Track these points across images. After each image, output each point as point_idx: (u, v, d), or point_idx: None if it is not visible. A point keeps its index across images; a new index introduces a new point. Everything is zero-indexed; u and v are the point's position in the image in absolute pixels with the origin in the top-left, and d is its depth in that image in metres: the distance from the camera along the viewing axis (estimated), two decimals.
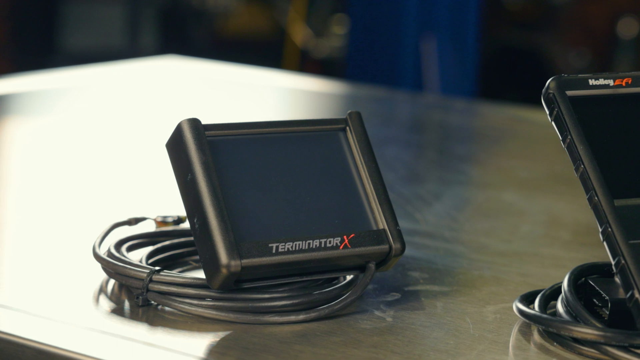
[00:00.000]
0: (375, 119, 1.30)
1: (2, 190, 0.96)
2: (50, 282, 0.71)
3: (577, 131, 0.65)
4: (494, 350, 0.63)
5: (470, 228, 0.87)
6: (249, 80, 1.65)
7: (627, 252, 0.61)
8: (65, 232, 0.83)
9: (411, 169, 1.05)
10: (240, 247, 0.64)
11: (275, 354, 0.61)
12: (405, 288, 0.73)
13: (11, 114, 1.33)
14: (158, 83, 1.55)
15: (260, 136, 0.69)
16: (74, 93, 1.43)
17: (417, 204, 0.92)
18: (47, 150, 1.11)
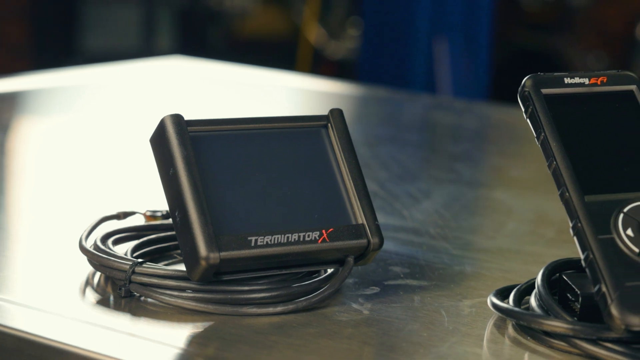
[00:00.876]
0: (374, 118, 1.32)
1: (4, 183, 0.97)
2: (38, 273, 0.73)
3: (550, 128, 0.66)
4: (466, 342, 0.64)
5: (456, 225, 0.88)
6: (258, 81, 1.67)
7: (596, 247, 0.62)
8: (60, 225, 0.85)
9: (404, 168, 1.06)
10: (220, 240, 0.66)
11: (250, 344, 0.63)
12: (385, 282, 0.74)
13: (22, 110, 1.35)
14: (164, 82, 1.57)
15: (243, 132, 0.71)
16: (81, 91, 1.46)
17: (405, 202, 0.94)
18: (51, 146, 1.13)
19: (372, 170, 0.99)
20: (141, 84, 1.55)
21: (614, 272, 0.61)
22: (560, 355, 0.63)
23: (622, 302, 0.60)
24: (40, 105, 1.37)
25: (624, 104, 0.69)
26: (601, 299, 0.61)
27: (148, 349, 0.63)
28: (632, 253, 0.62)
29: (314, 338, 0.64)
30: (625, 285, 0.61)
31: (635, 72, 0.69)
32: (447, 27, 3.17)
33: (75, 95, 1.43)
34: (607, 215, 0.63)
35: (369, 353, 0.63)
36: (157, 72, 1.64)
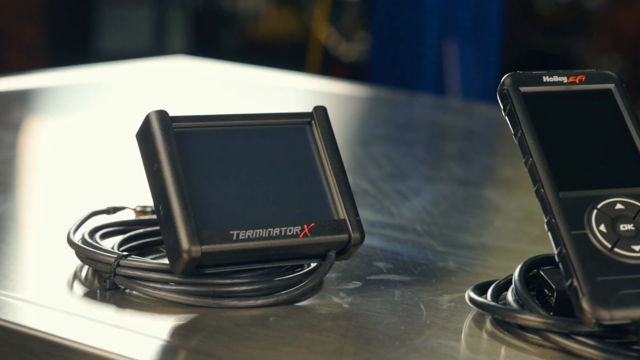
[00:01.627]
0: (373, 118, 1.33)
1: (12, 177, 0.99)
2: (28, 266, 0.75)
3: (527, 126, 0.67)
4: (442, 335, 0.65)
5: (443, 223, 0.89)
6: (264, 82, 1.68)
7: (569, 242, 0.63)
8: (56, 220, 0.86)
9: (397, 166, 1.07)
10: (202, 234, 0.67)
11: (229, 336, 0.64)
12: (368, 277, 0.75)
13: (28, 108, 1.37)
14: (169, 81, 1.59)
15: (227, 128, 0.72)
16: (83, 90, 1.47)
17: (395, 199, 0.95)
18: (55, 143, 1.14)
19: (364, 168, 1.01)
20: (145, 83, 1.57)
21: (586, 267, 0.62)
22: (535, 349, 0.64)
23: (593, 297, 0.61)
24: (41, 104, 1.39)
25: (602, 102, 0.70)
26: (573, 293, 0.62)
27: (132, 340, 0.64)
28: (605, 248, 0.63)
29: (292, 330, 0.65)
30: (596, 280, 0.62)
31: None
32: (456, 29, 3.17)
33: (76, 94, 1.45)
34: (581, 211, 0.64)
35: (345, 345, 0.64)
36: (161, 72, 1.65)
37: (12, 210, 0.88)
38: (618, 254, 0.63)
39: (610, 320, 0.61)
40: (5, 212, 0.87)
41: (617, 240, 0.63)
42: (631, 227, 0.64)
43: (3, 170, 1.01)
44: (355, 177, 1.04)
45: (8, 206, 0.89)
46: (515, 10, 5.30)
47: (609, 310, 0.61)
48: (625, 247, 0.63)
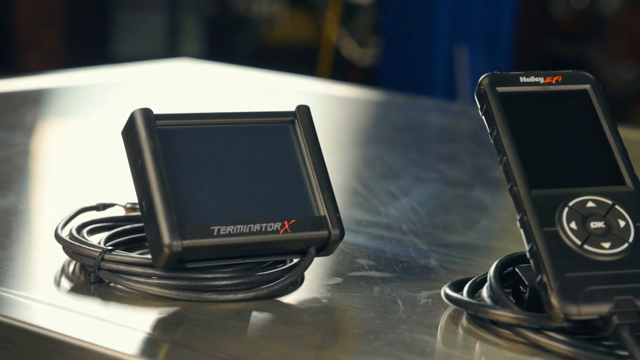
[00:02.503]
0: (371, 121, 1.34)
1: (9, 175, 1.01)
2: (19, 260, 0.76)
3: (503, 125, 0.69)
4: (416, 330, 0.67)
5: (429, 222, 0.90)
6: (268, 84, 1.69)
7: (540, 238, 0.64)
8: (50, 217, 0.88)
9: (389, 167, 1.08)
10: (183, 229, 0.69)
11: (205, 328, 0.66)
12: (349, 273, 0.76)
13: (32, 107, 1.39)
14: (169, 83, 1.61)
15: (211, 126, 0.74)
16: (87, 91, 1.49)
17: (384, 199, 0.96)
18: (60, 143, 1.16)
19: (356, 168, 1.02)
20: (147, 85, 1.59)
21: (555, 263, 0.63)
22: (508, 344, 0.65)
23: (561, 292, 0.62)
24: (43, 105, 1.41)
25: (577, 102, 0.71)
26: (542, 289, 0.63)
27: (114, 332, 0.66)
28: (575, 245, 0.64)
29: (268, 323, 0.67)
30: (565, 275, 0.63)
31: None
32: (467, 34, 3.18)
33: (78, 95, 1.47)
34: (553, 209, 0.65)
35: (319, 338, 0.66)
36: (165, 74, 1.67)
37: (10, 206, 0.90)
38: (588, 251, 0.64)
39: (578, 315, 0.62)
40: (2, 208, 0.89)
41: (587, 237, 0.64)
42: (602, 225, 0.65)
43: (6, 168, 1.03)
44: (346, 177, 1.06)
45: (6, 202, 0.91)
46: (530, 15, 5.30)
47: (577, 305, 0.62)
48: (595, 244, 0.64)
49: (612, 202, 0.66)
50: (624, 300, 0.62)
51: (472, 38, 3.20)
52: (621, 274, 0.63)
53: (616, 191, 0.67)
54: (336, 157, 1.14)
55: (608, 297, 0.62)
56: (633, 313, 0.62)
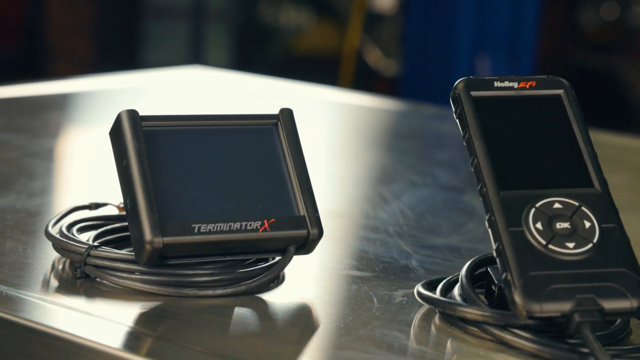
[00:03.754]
0: (377, 128, 1.35)
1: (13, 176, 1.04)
2: (11, 257, 0.79)
3: (475, 128, 0.70)
4: (387, 327, 0.68)
5: (416, 224, 0.92)
6: (279, 91, 1.72)
7: (506, 238, 0.66)
8: (46, 215, 0.90)
9: (384, 171, 1.10)
10: (164, 226, 0.71)
11: (182, 321, 0.68)
12: (330, 272, 0.79)
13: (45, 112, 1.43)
14: (177, 90, 1.64)
15: (195, 128, 0.76)
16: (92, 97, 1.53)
17: (375, 202, 0.98)
18: (65, 144, 1.20)
19: (353, 173, 1.04)
20: (154, 91, 1.62)
21: (520, 261, 0.65)
22: (476, 341, 0.67)
23: (524, 290, 0.64)
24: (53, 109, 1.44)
25: (550, 107, 0.73)
26: (507, 287, 0.65)
27: (98, 325, 0.68)
28: (539, 245, 0.66)
29: (244, 318, 0.69)
30: (529, 274, 0.64)
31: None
32: (489, 44, 3.20)
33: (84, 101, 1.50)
34: (520, 210, 0.67)
35: (291, 332, 0.68)
36: (176, 80, 1.70)
37: (9, 205, 0.92)
38: (552, 251, 0.66)
39: (540, 313, 0.64)
40: (0, 207, 0.92)
41: (553, 237, 0.66)
42: (567, 226, 0.67)
43: (8, 169, 1.06)
44: (341, 181, 1.08)
45: (5, 201, 0.93)
46: (560, 26, 5.30)
47: (539, 303, 0.64)
48: (560, 244, 0.66)
49: (579, 203, 0.68)
50: (585, 298, 0.64)
51: (494, 48, 3.21)
52: (584, 273, 0.65)
53: (584, 193, 0.69)
54: (334, 163, 1.16)
55: (570, 296, 0.64)
56: (594, 311, 0.64)
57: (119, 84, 1.63)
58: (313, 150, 1.24)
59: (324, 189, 1.06)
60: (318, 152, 1.23)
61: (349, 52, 3.87)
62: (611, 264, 0.66)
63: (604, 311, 0.64)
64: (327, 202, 1.00)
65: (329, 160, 1.18)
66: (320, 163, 1.16)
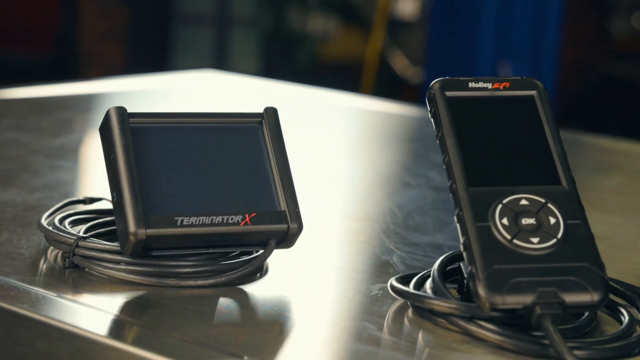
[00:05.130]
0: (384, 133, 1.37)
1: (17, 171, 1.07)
2: (6, 247, 0.82)
3: (448, 127, 0.73)
4: (362, 318, 0.71)
5: (403, 223, 0.94)
6: (288, 95, 1.75)
7: (472, 232, 0.68)
8: (44, 209, 0.93)
9: (380, 172, 1.12)
10: (148, 219, 0.74)
11: (162, 309, 0.71)
12: (311, 266, 0.81)
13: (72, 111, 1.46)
14: (190, 92, 1.67)
15: (182, 125, 0.79)
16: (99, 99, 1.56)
17: (366, 201, 1.00)
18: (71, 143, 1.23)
19: (348, 174, 1.06)
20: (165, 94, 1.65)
21: (485, 255, 0.67)
22: (445, 333, 0.69)
23: (488, 283, 0.66)
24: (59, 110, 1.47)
25: (522, 107, 0.75)
26: (471, 280, 0.67)
27: (83, 313, 0.71)
28: (505, 239, 0.68)
29: (226, 309, 0.72)
30: (493, 267, 0.67)
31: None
32: (511, 52, 3.21)
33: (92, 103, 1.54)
34: (487, 206, 0.69)
35: (265, 322, 0.70)
36: (187, 84, 1.73)
37: (9, 199, 0.96)
38: (516, 245, 0.68)
39: (502, 305, 0.66)
40: (1, 201, 0.95)
41: (518, 232, 0.68)
42: (532, 221, 0.69)
43: (12, 166, 1.09)
44: (336, 182, 1.10)
45: (6, 195, 0.97)
46: (590, 34, 5.29)
47: (501, 295, 0.66)
48: (524, 239, 0.68)
49: (545, 200, 0.70)
50: (547, 291, 0.66)
51: (516, 55, 3.22)
52: (547, 267, 0.67)
53: (551, 190, 0.71)
54: (333, 165, 1.19)
55: (532, 289, 0.66)
56: (555, 304, 0.66)
57: (130, 87, 1.66)
58: (312, 151, 1.26)
59: (318, 188, 1.08)
60: (318, 154, 1.26)
61: (371, 59, 3.89)
62: (574, 258, 0.68)
63: (565, 304, 0.66)
64: (319, 200, 1.03)
65: (329, 161, 1.20)
66: (318, 164, 1.19)
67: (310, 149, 1.26)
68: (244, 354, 0.64)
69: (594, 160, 1.36)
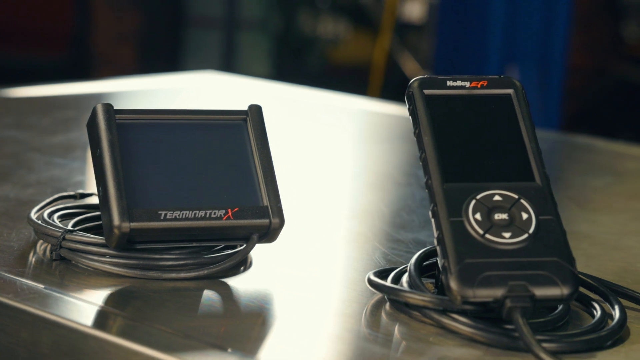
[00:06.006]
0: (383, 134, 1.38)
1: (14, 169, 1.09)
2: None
3: (425, 124, 0.74)
4: (341, 311, 0.72)
5: (390, 220, 0.96)
6: (292, 96, 1.76)
7: (446, 227, 0.70)
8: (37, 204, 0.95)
9: (371, 172, 1.14)
10: (132, 212, 0.76)
11: (145, 301, 0.72)
12: (294, 262, 0.82)
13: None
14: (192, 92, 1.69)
15: (167, 121, 0.81)
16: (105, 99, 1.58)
17: (356, 199, 1.02)
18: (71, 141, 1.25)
19: (340, 174, 1.07)
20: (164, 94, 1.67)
21: (457, 249, 0.69)
22: (419, 325, 0.70)
23: (459, 276, 0.67)
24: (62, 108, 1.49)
25: (499, 105, 0.76)
26: (444, 273, 0.68)
27: (69, 304, 0.73)
28: (477, 234, 0.69)
29: (204, 300, 0.73)
30: (465, 261, 0.68)
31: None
32: (519, 56, 3.22)
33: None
34: (461, 201, 0.71)
35: (247, 313, 0.72)
36: (189, 84, 1.75)
37: (4, 194, 0.98)
38: (489, 240, 0.69)
39: (473, 297, 0.67)
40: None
41: (490, 227, 0.70)
42: (505, 217, 0.70)
43: (9, 163, 1.11)
44: (330, 182, 1.12)
45: (1, 190, 0.99)
46: (602, 38, 5.29)
47: (472, 289, 0.67)
48: (497, 234, 0.69)
49: (518, 196, 0.71)
50: (517, 285, 0.67)
51: (524, 59, 3.23)
52: (518, 261, 0.68)
53: (524, 187, 0.72)
54: (331, 165, 1.20)
55: (503, 282, 0.67)
56: (525, 297, 0.67)
57: (131, 87, 1.68)
58: (313, 151, 1.28)
59: (312, 186, 1.10)
60: (318, 154, 1.27)
61: (378, 62, 3.90)
62: (545, 253, 0.69)
63: (535, 297, 0.67)
64: (310, 198, 1.04)
65: (328, 161, 1.22)
66: (317, 163, 1.20)
67: (311, 149, 1.27)
68: (227, 345, 0.65)
69: (604, 164, 1.37)
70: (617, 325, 0.71)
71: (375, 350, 0.67)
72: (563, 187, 1.16)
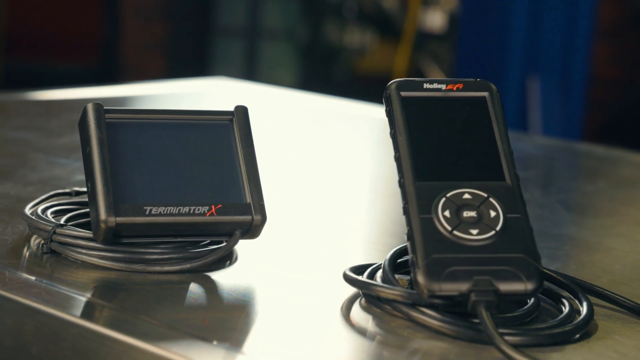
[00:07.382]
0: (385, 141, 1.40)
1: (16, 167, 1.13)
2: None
3: (400, 125, 0.77)
4: (318, 305, 0.75)
5: (379, 220, 0.98)
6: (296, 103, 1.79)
7: (416, 223, 0.72)
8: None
9: (367, 174, 1.16)
10: (118, 207, 0.79)
11: (125, 290, 0.75)
12: (279, 258, 0.85)
13: None
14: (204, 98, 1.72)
15: (155, 121, 0.84)
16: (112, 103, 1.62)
17: (348, 200, 1.04)
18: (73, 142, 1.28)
19: (338, 176, 1.09)
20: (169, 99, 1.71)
21: (425, 245, 0.71)
22: (390, 318, 0.73)
23: (426, 270, 0.70)
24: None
25: (474, 108, 0.78)
26: (412, 267, 0.71)
27: (58, 295, 0.75)
28: (445, 231, 0.72)
29: (189, 293, 0.76)
30: (432, 256, 0.70)
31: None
32: (541, 67, 3.23)
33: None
34: (432, 199, 0.73)
35: (230, 306, 0.74)
36: (201, 90, 1.79)
37: (5, 191, 1.01)
38: (456, 236, 0.71)
39: (440, 291, 0.69)
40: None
41: (458, 224, 0.72)
42: (473, 214, 0.73)
43: (13, 162, 1.15)
44: (329, 184, 1.14)
45: (2, 188, 1.02)
46: (632, 50, 5.27)
47: (439, 283, 0.69)
48: (464, 231, 0.72)
49: (487, 194, 0.74)
50: (482, 280, 0.69)
51: (545, 70, 3.24)
52: (484, 257, 0.71)
53: (494, 186, 0.74)
54: (331, 168, 1.23)
55: (468, 277, 0.70)
56: (490, 292, 0.69)
57: (144, 91, 1.72)
58: (325, 157, 1.30)
59: (310, 189, 1.12)
60: (330, 160, 1.30)
61: (399, 72, 3.93)
62: (511, 250, 0.71)
63: (499, 292, 0.69)
64: (304, 198, 1.07)
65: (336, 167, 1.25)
66: (324, 169, 1.23)
67: (324, 155, 1.30)
68: (210, 336, 0.68)
69: (600, 170, 1.38)
70: (582, 321, 0.73)
71: (349, 340, 0.70)
72: (554, 192, 1.18)
